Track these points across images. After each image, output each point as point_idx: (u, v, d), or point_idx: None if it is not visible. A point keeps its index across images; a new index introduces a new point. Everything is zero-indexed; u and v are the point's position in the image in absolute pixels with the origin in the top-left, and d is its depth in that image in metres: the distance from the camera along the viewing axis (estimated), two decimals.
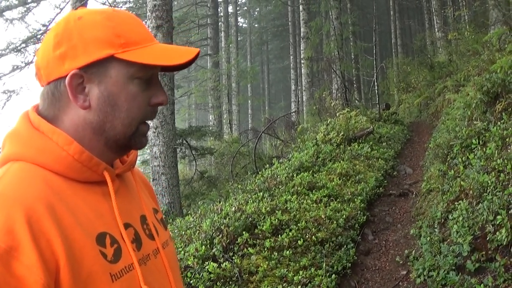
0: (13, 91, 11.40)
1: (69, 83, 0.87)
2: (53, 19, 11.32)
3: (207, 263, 3.85)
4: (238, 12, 31.91)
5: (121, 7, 18.11)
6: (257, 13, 36.45)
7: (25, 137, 0.89)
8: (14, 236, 0.73)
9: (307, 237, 4.45)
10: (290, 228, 4.58)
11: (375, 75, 13.84)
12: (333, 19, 15.50)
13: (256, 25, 36.03)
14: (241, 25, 37.14)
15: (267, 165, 7.30)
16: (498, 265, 3.13)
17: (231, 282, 3.71)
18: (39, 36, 11.57)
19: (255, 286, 3.73)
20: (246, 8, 34.63)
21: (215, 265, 3.80)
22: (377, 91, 13.81)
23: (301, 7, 16.46)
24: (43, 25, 11.56)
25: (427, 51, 18.15)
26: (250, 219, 4.66)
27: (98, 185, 0.92)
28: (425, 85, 15.01)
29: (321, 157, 7.57)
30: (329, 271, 4.04)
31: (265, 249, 4.16)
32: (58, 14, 11.30)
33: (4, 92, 11.29)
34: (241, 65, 26.37)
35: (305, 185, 5.96)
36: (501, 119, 4.94)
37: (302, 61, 16.72)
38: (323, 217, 4.98)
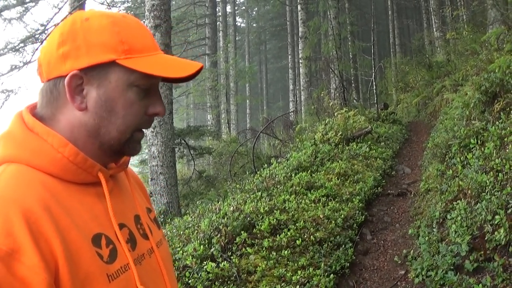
0: (12, 91, 11.35)
1: (68, 83, 0.87)
2: (52, 19, 11.30)
3: (205, 262, 3.85)
4: (236, 11, 31.97)
5: (119, 6, 18.09)
6: (255, 12, 36.49)
7: (20, 138, 0.88)
8: (14, 238, 0.73)
9: (305, 236, 4.45)
10: (288, 228, 4.58)
11: (373, 74, 13.85)
12: (331, 19, 15.51)
13: (254, 25, 36.07)
14: (239, 24, 37.18)
15: (266, 165, 7.29)
16: (496, 265, 3.13)
17: (229, 281, 3.71)
18: (37, 35, 11.53)
19: (254, 285, 3.72)
20: (244, 7, 34.67)
21: (214, 264, 3.80)
22: (375, 91, 13.81)
23: (299, 7, 16.46)
24: (42, 25, 11.52)
25: (425, 51, 18.16)
26: (248, 218, 4.66)
27: (92, 186, 0.92)
28: (423, 85, 15.03)
29: (319, 157, 7.57)
30: (328, 270, 4.03)
31: (264, 249, 4.16)
32: (56, 14, 11.27)
33: (2, 91, 11.23)
34: (239, 64, 26.40)
35: (304, 184, 5.96)
36: (499, 119, 4.94)
37: (300, 61, 16.71)
38: (322, 216, 4.97)
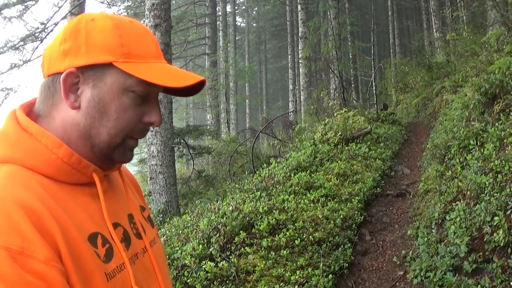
0: (11, 89, 11.37)
1: (64, 79, 0.87)
2: (52, 18, 11.32)
3: (204, 262, 3.85)
4: (236, 11, 31.98)
5: (119, 5, 18.09)
6: (255, 12, 36.49)
7: (13, 139, 0.87)
8: (22, 236, 0.73)
9: (304, 237, 4.45)
10: (287, 227, 4.58)
11: (373, 75, 13.86)
12: (331, 19, 15.50)
13: (254, 25, 36.05)
14: (239, 24, 37.19)
15: (265, 165, 7.28)
16: (495, 266, 3.13)
17: (228, 281, 3.71)
18: (37, 34, 11.54)
19: (252, 285, 3.72)
20: (244, 7, 34.67)
21: (212, 264, 3.79)
22: (375, 91, 13.82)
23: (299, 7, 16.45)
24: (42, 24, 11.53)
25: (425, 52, 18.17)
26: (247, 218, 4.66)
27: (86, 186, 0.92)
28: (423, 86, 15.03)
29: (319, 157, 7.57)
30: (326, 271, 4.03)
31: (262, 249, 4.16)
32: (56, 12, 11.30)
33: (2, 90, 11.24)
34: (239, 64, 26.36)
35: (303, 185, 5.96)
36: (499, 120, 4.94)
37: (300, 61, 16.71)
38: (321, 217, 4.97)
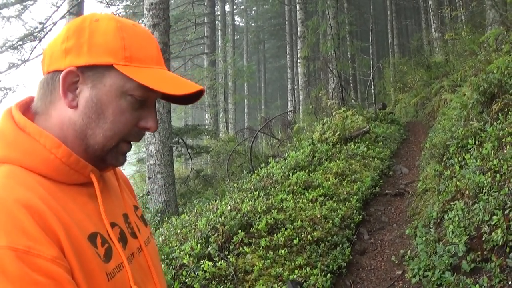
0: (9, 89, 11.36)
1: (64, 78, 0.87)
2: (50, 17, 11.30)
3: (202, 261, 3.84)
4: (235, 11, 31.95)
5: (118, 5, 18.06)
6: (254, 12, 36.49)
7: (11, 138, 0.87)
8: (28, 235, 0.72)
9: (302, 236, 4.45)
10: (285, 227, 4.58)
11: (372, 74, 13.87)
12: (330, 19, 15.49)
13: (253, 24, 36.05)
14: (238, 24, 37.20)
15: (263, 164, 7.28)
16: (493, 266, 3.13)
17: (226, 281, 3.70)
18: (35, 34, 11.52)
19: (251, 285, 3.72)
20: (243, 7, 34.69)
21: (211, 264, 3.79)
22: (373, 91, 13.84)
23: (298, 6, 16.45)
24: (40, 23, 11.50)
25: (424, 51, 18.19)
26: (245, 218, 4.66)
27: (83, 187, 0.92)
28: (422, 85, 15.05)
29: (317, 156, 7.57)
30: (325, 270, 4.03)
31: (261, 248, 4.15)
32: (55, 12, 11.27)
33: (0, 89, 11.22)
34: (238, 64, 26.37)
35: (301, 184, 5.95)
36: (497, 120, 4.94)
37: (298, 60, 16.70)
38: (319, 216, 4.97)
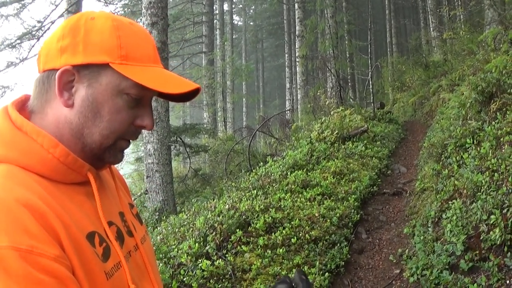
0: (7, 87, 11.34)
1: (59, 77, 0.86)
2: (49, 16, 11.27)
3: (200, 260, 3.84)
4: (233, 10, 31.96)
5: (116, 4, 18.01)
6: (252, 11, 36.47)
7: (8, 138, 0.86)
8: (30, 234, 0.72)
9: (300, 235, 4.44)
10: (283, 226, 4.57)
11: (370, 74, 13.85)
12: (329, 18, 15.49)
13: (251, 23, 36.04)
14: (236, 23, 37.16)
15: (261, 163, 7.29)
16: (491, 265, 3.13)
17: (224, 279, 3.70)
18: (34, 32, 11.50)
19: (248, 284, 3.71)
20: (241, 6, 34.68)
21: (209, 262, 3.78)
22: (371, 90, 13.84)
23: (296, 5, 16.45)
24: (38, 22, 11.49)
25: (422, 50, 18.21)
26: (243, 217, 4.65)
27: (80, 186, 0.91)
28: (420, 84, 15.06)
29: (315, 156, 7.57)
30: (323, 269, 4.03)
31: (259, 247, 4.15)
32: (53, 10, 11.25)
33: None
34: (236, 63, 26.35)
35: (299, 183, 5.95)
36: (495, 119, 4.95)
37: (297, 59, 16.71)
38: (317, 215, 4.97)
